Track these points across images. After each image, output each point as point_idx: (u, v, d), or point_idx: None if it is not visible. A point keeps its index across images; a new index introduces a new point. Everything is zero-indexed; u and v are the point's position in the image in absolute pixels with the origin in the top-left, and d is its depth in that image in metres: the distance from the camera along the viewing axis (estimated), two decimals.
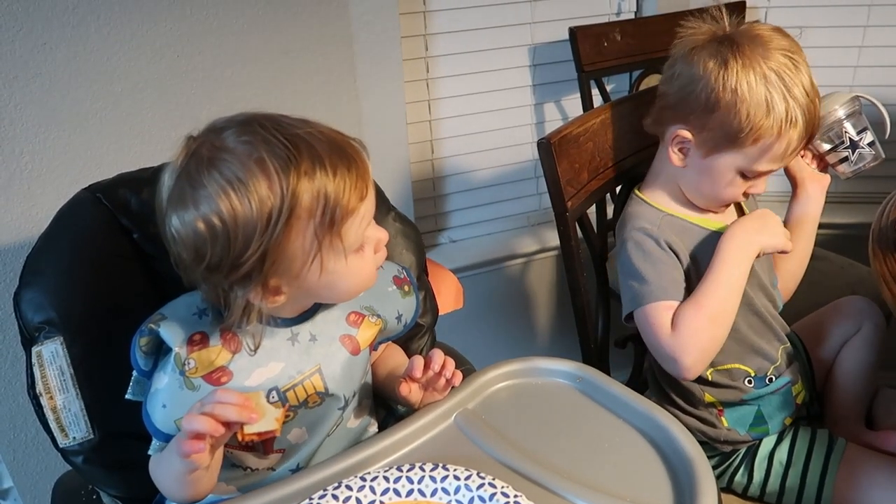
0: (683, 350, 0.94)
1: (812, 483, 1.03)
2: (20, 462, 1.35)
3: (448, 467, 0.71)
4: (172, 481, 0.73)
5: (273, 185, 0.65)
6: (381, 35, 1.40)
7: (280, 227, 0.66)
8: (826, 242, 1.54)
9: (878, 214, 1.07)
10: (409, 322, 0.87)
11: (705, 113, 0.95)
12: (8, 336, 1.26)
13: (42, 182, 1.21)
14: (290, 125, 0.69)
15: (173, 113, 1.27)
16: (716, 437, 1.06)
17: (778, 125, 0.92)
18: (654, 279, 0.97)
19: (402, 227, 1.01)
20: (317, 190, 0.67)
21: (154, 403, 0.73)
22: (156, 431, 0.74)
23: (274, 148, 0.66)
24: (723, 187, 0.99)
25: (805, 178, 1.09)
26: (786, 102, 0.92)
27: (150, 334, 0.74)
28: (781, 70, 0.92)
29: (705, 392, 1.05)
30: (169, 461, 0.72)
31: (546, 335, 1.87)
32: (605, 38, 1.54)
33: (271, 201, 0.66)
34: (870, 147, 1.07)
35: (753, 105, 0.92)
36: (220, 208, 0.65)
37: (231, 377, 0.73)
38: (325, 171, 0.67)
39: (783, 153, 0.95)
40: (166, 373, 0.73)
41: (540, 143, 1.04)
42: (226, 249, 0.66)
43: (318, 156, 0.67)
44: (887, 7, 1.63)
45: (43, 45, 1.15)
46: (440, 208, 1.70)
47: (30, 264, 0.84)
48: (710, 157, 0.97)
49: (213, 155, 0.67)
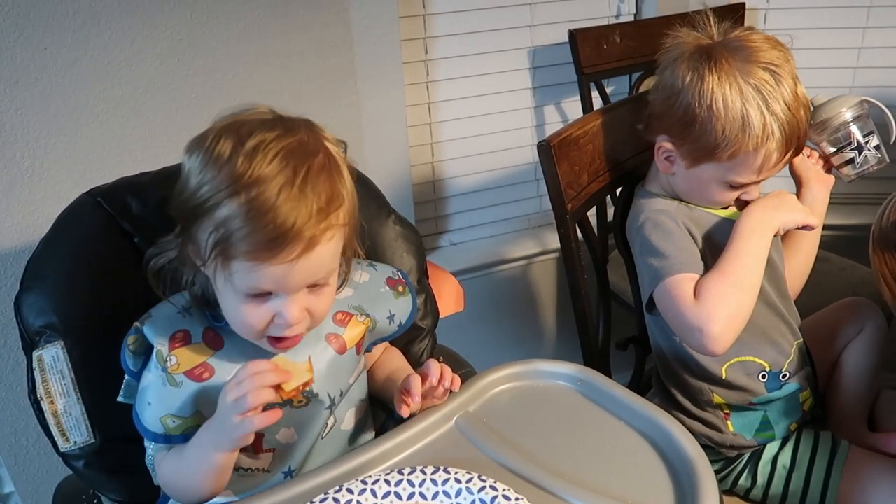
0: (710, 317, 0.89)
1: (816, 486, 1.02)
2: (21, 466, 1.35)
3: (449, 470, 0.71)
4: (201, 475, 0.72)
5: (234, 160, 0.66)
6: (381, 38, 1.41)
7: (204, 200, 0.67)
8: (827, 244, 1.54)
9: (879, 215, 1.07)
10: (404, 322, 0.87)
11: (684, 126, 0.96)
12: (9, 340, 1.26)
13: (43, 186, 1.21)
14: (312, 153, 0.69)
15: (174, 117, 1.27)
16: (721, 442, 1.05)
17: (754, 141, 0.92)
18: (673, 253, 0.96)
19: (403, 230, 1.01)
20: (243, 209, 0.65)
21: (142, 402, 0.74)
22: (145, 431, 0.74)
23: (280, 146, 0.67)
24: (712, 195, 1.00)
25: (810, 178, 1.10)
26: (763, 118, 0.92)
27: (137, 333, 0.75)
28: (761, 85, 0.92)
29: (714, 393, 1.04)
30: (199, 454, 0.71)
31: (547, 338, 1.87)
32: (605, 40, 1.54)
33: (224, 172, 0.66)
34: (875, 150, 1.08)
35: (729, 121, 0.92)
36: (201, 150, 0.68)
37: (213, 373, 0.74)
38: (281, 198, 0.65)
39: (762, 166, 0.95)
40: (150, 370, 0.74)
41: (540, 146, 1.04)
42: (183, 184, 0.69)
43: (292, 184, 0.65)
44: (887, 8, 1.63)
45: (44, 50, 1.15)
46: (441, 211, 1.70)
47: (31, 268, 0.84)
48: (693, 168, 0.99)
49: (242, 123, 0.69)
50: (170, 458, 0.76)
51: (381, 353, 0.93)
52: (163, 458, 0.76)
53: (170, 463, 0.76)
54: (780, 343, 1.05)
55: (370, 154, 1.48)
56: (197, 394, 0.73)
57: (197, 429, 0.74)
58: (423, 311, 1.01)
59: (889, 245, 0.99)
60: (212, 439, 0.71)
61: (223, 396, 0.69)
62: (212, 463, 0.71)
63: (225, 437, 0.69)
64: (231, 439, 0.69)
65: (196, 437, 0.73)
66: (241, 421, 0.67)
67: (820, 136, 1.10)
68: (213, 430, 0.71)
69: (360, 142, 1.46)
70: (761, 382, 1.04)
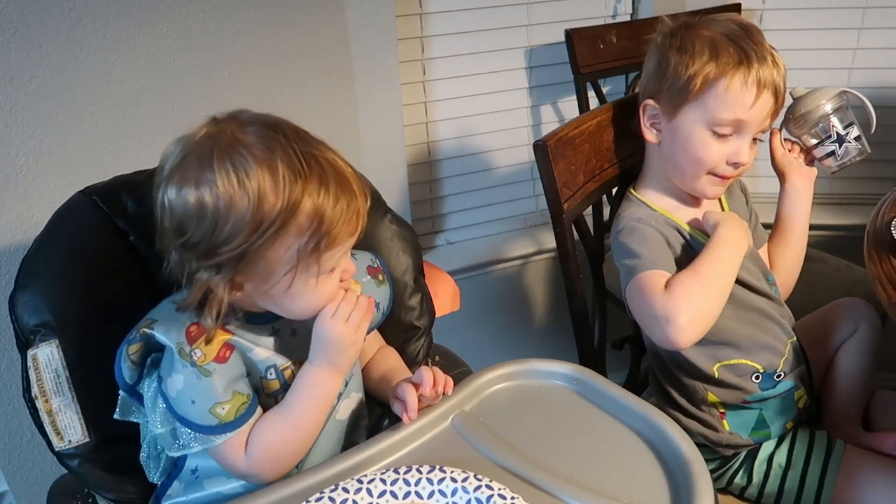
0: (677, 307, 0.89)
1: (811, 486, 1.03)
2: (15, 466, 1.34)
3: (445, 469, 0.71)
4: (317, 416, 0.77)
5: (277, 192, 0.67)
6: (377, 37, 1.41)
7: (269, 234, 0.68)
8: (822, 244, 1.55)
9: (874, 216, 1.08)
10: (385, 310, 0.89)
11: (659, 76, 1.01)
12: (3, 339, 1.25)
13: (38, 185, 1.21)
14: (310, 143, 0.71)
15: (170, 115, 1.27)
16: (717, 441, 1.05)
17: (724, 65, 0.96)
18: (646, 253, 0.97)
19: (399, 229, 1.01)
20: (315, 210, 0.69)
21: (184, 405, 0.73)
22: (199, 428, 0.74)
23: (289, 158, 0.68)
24: (698, 149, 1.00)
25: (793, 171, 1.11)
26: (733, 46, 0.96)
27: (142, 339, 0.75)
28: (730, 32, 0.98)
29: (708, 391, 1.05)
30: (314, 392, 0.76)
31: (543, 337, 1.87)
32: (602, 40, 1.54)
33: (270, 206, 0.67)
34: (856, 141, 1.09)
35: (697, 53, 0.97)
36: (219, 193, 0.67)
37: (233, 349, 0.75)
38: (328, 196, 0.69)
39: (736, 101, 0.96)
40: (178, 371, 0.73)
41: (536, 146, 1.04)
42: (208, 234, 0.68)
43: (326, 180, 0.70)
44: (882, 9, 1.64)
45: (39, 48, 1.15)
46: (437, 210, 1.70)
47: (25, 267, 0.84)
48: (674, 119, 1.01)
49: (232, 144, 0.69)
50: (262, 428, 0.75)
51: (374, 348, 0.93)
52: (238, 442, 0.75)
53: (266, 433, 0.75)
54: (773, 345, 1.06)
55: (367, 152, 1.48)
56: (228, 374, 0.74)
57: (245, 407, 0.74)
58: (419, 310, 1.01)
59: (884, 246, 1.00)
60: (327, 369, 0.76)
61: (329, 324, 0.75)
62: (333, 391, 0.78)
63: (344, 357, 0.76)
64: (354, 353, 0.77)
65: (297, 384, 0.77)
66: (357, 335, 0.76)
67: (800, 130, 1.10)
68: (326, 359, 0.76)
69: (357, 140, 1.46)
70: (755, 383, 1.04)
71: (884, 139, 1.14)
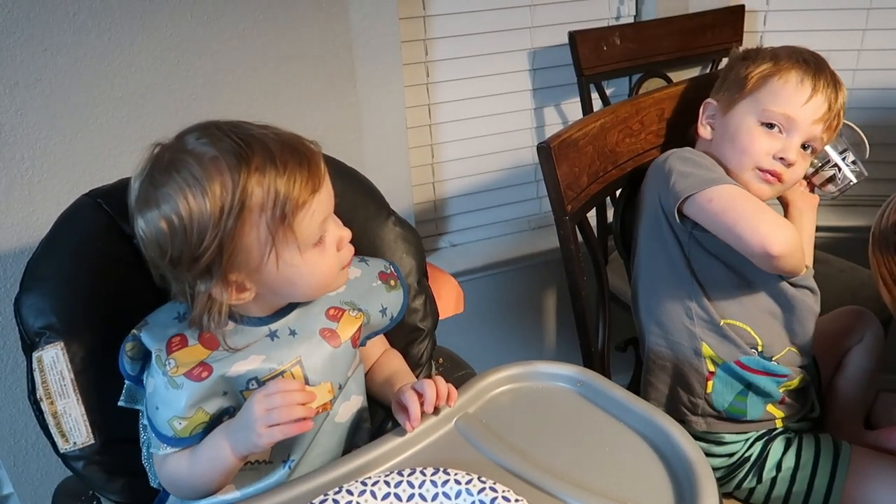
0: (779, 224, 0.95)
1: (819, 489, 1.02)
2: (20, 467, 1.35)
3: (449, 472, 0.71)
4: (213, 472, 0.75)
5: (225, 181, 0.69)
6: (380, 40, 1.41)
7: (232, 220, 0.69)
8: (826, 246, 1.54)
9: (878, 217, 1.08)
10: (395, 315, 0.89)
11: (723, 79, 1.10)
12: (8, 341, 1.26)
13: (43, 187, 1.21)
14: (247, 127, 0.73)
15: (174, 118, 1.27)
16: (692, 408, 1.06)
17: (778, 65, 1.03)
18: (719, 171, 1.02)
19: (403, 231, 1.01)
20: (268, 185, 0.70)
21: (151, 408, 0.76)
22: (158, 434, 0.75)
23: (228, 147, 0.70)
24: (744, 140, 1.04)
25: (796, 198, 1.13)
26: (796, 55, 1.04)
27: (134, 340, 0.77)
28: (794, 51, 1.06)
29: (704, 342, 1.05)
30: (214, 454, 0.74)
31: (546, 339, 1.87)
32: (605, 42, 1.54)
33: (223, 196, 0.69)
34: (853, 165, 1.13)
35: (760, 58, 1.05)
36: (178, 205, 0.69)
37: (211, 371, 0.75)
38: (275, 168, 0.70)
39: (793, 93, 1.01)
40: (153, 376, 0.75)
41: (540, 148, 1.04)
42: (185, 244, 0.70)
43: (270, 153, 0.71)
44: (886, 10, 1.63)
45: (44, 51, 1.15)
46: (440, 212, 1.70)
47: (30, 269, 0.84)
48: (728, 113, 1.06)
49: (174, 157, 0.71)
50: (178, 456, 0.77)
51: (378, 351, 0.93)
52: (164, 457, 0.77)
53: (179, 461, 0.76)
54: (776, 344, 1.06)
55: (370, 155, 1.48)
56: (198, 393, 0.74)
57: (202, 427, 0.75)
58: (422, 312, 1.01)
59: (888, 247, 1.00)
60: (231, 442, 0.74)
61: (250, 406, 0.72)
62: (227, 464, 0.74)
63: (247, 444, 0.73)
64: (253, 446, 0.72)
65: (211, 437, 0.75)
66: (267, 431, 0.71)
67: None
68: (233, 433, 0.74)
69: (360, 143, 1.46)
70: (751, 351, 1.05)
71: (888, 141, 1.14)
